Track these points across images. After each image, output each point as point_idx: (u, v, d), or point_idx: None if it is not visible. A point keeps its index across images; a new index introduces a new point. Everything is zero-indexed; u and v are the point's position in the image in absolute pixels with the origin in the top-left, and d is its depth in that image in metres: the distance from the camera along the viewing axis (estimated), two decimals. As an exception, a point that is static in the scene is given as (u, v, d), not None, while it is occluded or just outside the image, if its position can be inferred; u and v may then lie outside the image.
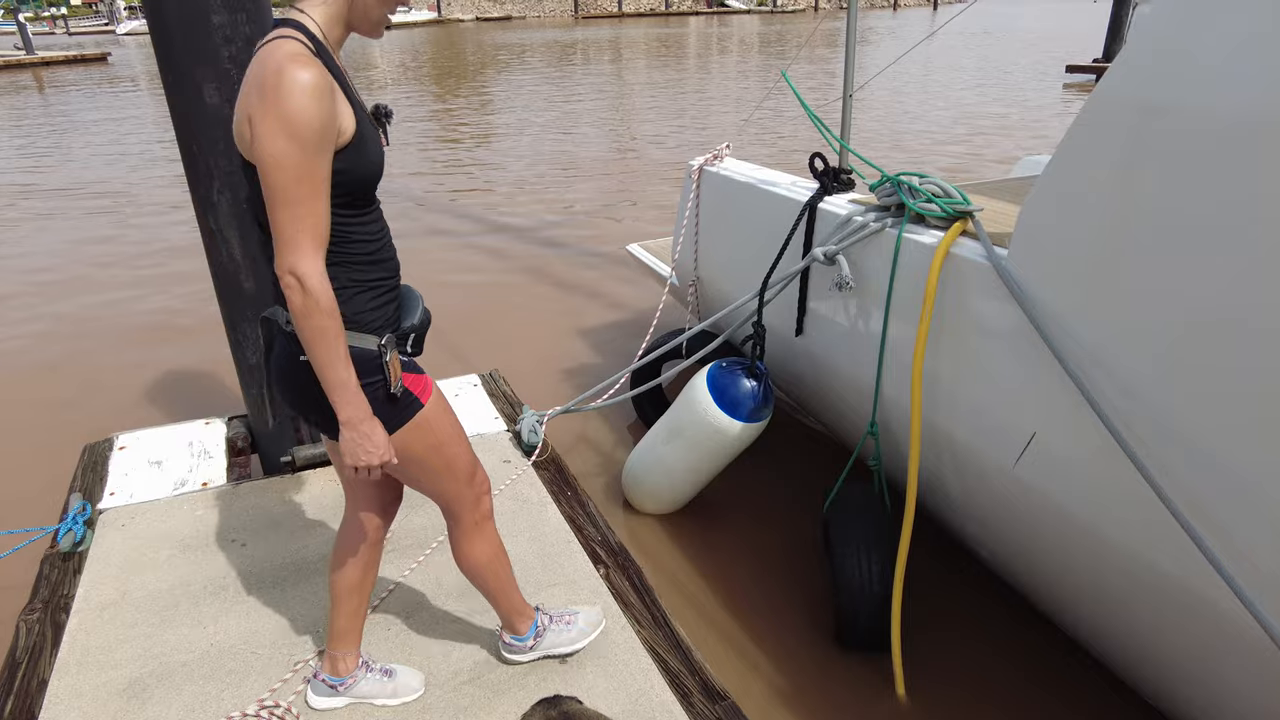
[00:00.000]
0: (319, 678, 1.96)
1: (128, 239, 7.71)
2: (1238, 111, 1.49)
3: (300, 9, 1.45)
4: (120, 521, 2.66)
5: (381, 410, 1.55)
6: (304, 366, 1.49)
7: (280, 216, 1.36)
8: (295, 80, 1.31)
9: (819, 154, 2.82)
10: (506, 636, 2.06)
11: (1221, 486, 1.62)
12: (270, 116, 1.31)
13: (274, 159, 1.32)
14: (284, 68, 1.31)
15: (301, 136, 1.32)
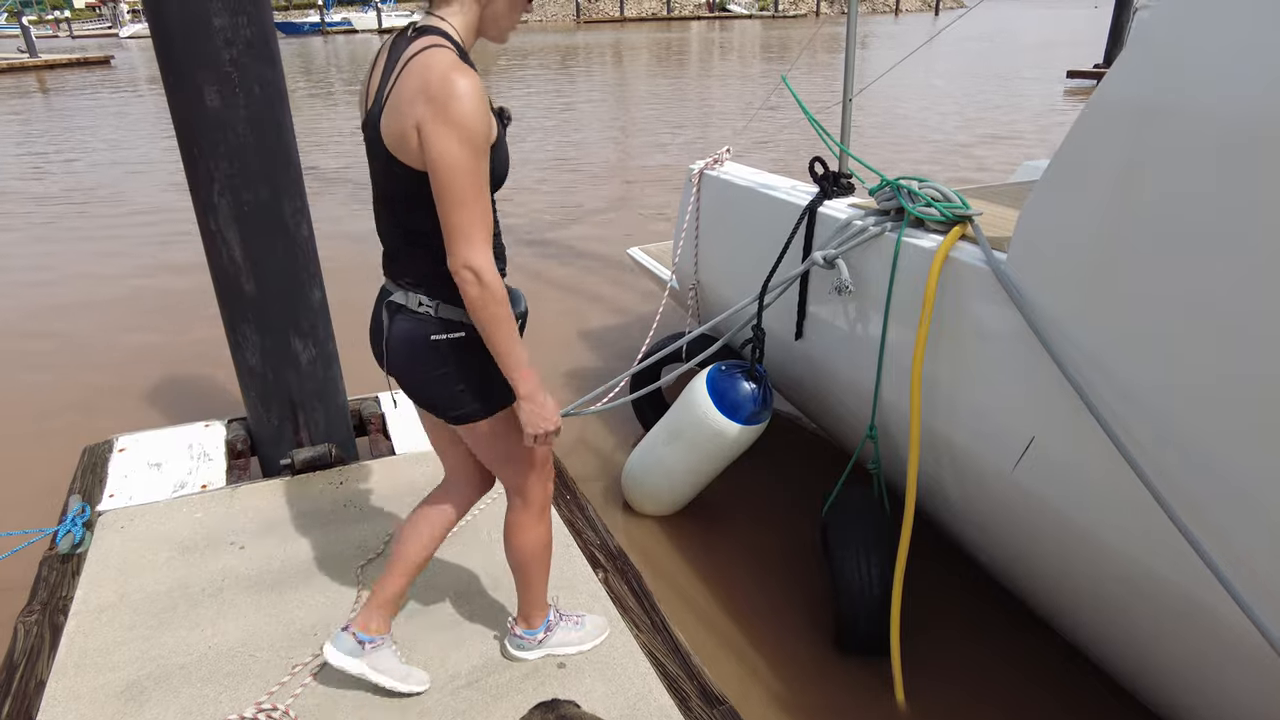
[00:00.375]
0: (349, 630, 1.95)
1: (128, 241, 7.71)
2: (1238, 114, 1.49)
3: (440, 16, 1.54)
4: (119, 523, 2.66)
5: (499, 389, 1.68)
6: (431, 347, 1.64)
7: (457, 215, 1.46)
8: (462, 88, 1.40)
9: (819, 158, 2.83)
10: (519, 629, 2.07)
11: (1221, 492, 1.62)
12: (444, 123, 1.41)
13: (451, 162, 1.42)
14: (449, 76, 1.41)
15: (473, 140, 1.43)
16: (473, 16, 1.56)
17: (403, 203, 1.56)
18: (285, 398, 2.97)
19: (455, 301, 1.62)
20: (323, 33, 51.97)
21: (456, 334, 1.65)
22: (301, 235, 2.85)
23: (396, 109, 1.47)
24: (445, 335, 1.65)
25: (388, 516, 2.70)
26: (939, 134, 12.03)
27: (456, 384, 1.68)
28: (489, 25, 1.59)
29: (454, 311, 1.64)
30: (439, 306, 1.64)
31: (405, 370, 1.70)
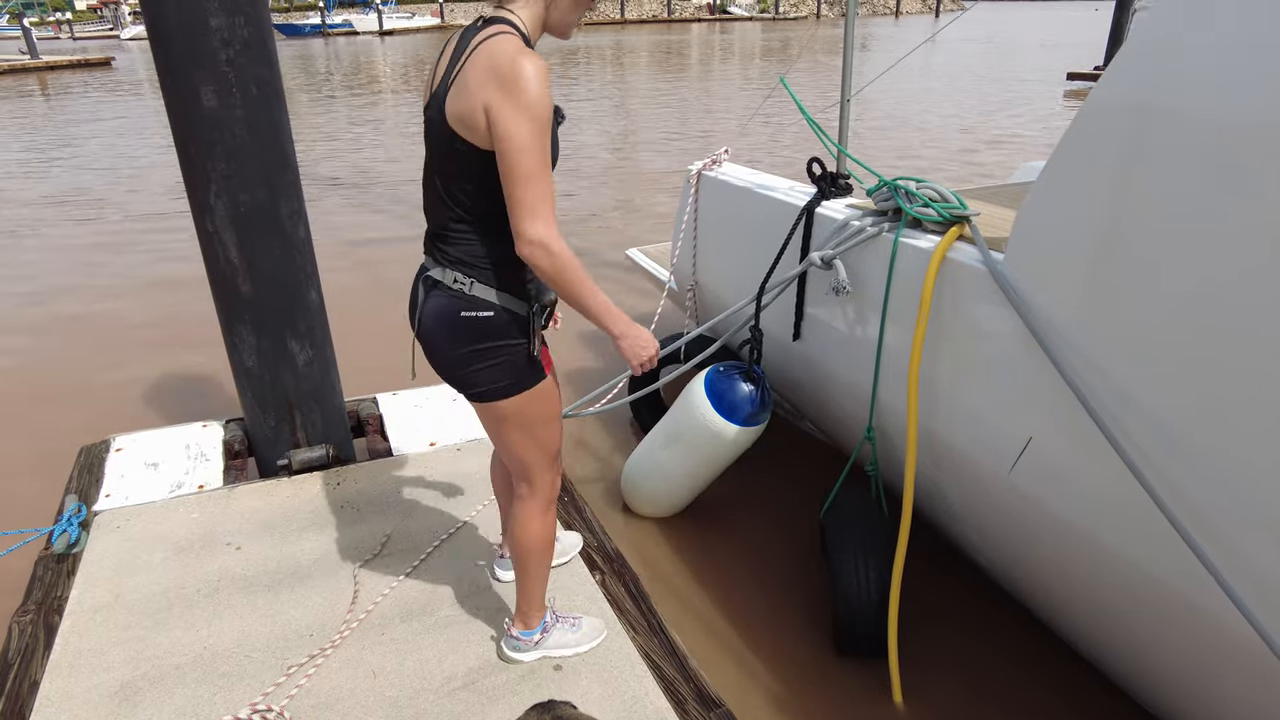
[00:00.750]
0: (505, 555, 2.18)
1: (126, 241, 7.72)
2: (1233, 115, 1.49)
3: (509, 9, 1.62)
4: (115, 523, 2.66)
5: (520, 370, 1.75)
6: (461, 324, 1.70)
7: (525, 191, 1.52)
8: (531, 71, 1.48)
9: (817, 159, 2.82)
10: (515, 630, 2.07)
11: (1218, 494, 1.61)
12: (513, 104, 1.48)
13: (520, 141, 1.49)
14: (517, 60, 1.48)
15: (540, 120, 1.50)
16: (539, 10, 1.63)
17: (459, 180, 1.63)
18: (282, 399, 2.96)
19: (488, 282, 1.70)
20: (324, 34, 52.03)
21: (485, 313, 1.70)
22: (299, 236, 2.84)
23: (464, 89, 1.54)
24: (475, 313, 1.70)
25: (385, 517, 2.70)
26: (939, 137, 12.03)
27: (479, 362, 1.73)
28: (554, 21, 1.67)
29: (486, 291, 1.70)
30: (472, 284, 1.70)
31: (433, 344, 1.76)
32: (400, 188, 9.81)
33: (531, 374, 1.78)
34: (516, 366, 1.75)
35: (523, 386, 1.78)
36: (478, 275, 1.70)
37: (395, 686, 2.02)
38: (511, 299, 1.72)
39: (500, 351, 1.73)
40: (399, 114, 16.36)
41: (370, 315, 5.65)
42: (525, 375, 1.77)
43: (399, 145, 12.71)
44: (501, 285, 1.71)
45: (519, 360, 1.75)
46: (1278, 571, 1.54)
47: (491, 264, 1.70)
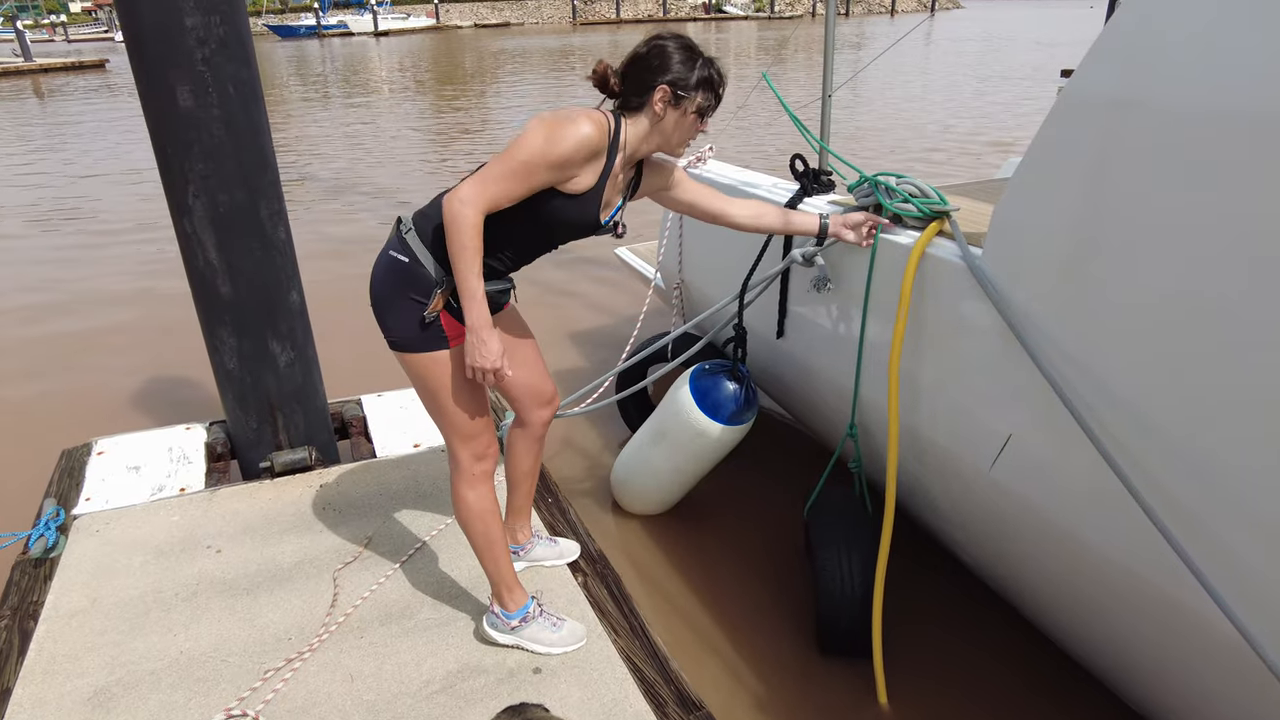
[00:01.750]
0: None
1: (108, 243, 7.69)
2: (1208, 108, 1.47)
3: (628, 117, 1.88)
4: (95, 527, 2.63)
5: (416, 329, 1.87)
6: (385, 260, 1.88)
7: (493, 171, 1.73)
8: (580, 125, 1.73)
9: (799, 155, 2.81)
10: (495, 607, 2.12)
11: (1198, 488, 1.60)
12: (547, 125, 1.73)
13: (525, 144, 1.72)
14: (581, 115, 1.75)
15: (551, 151, 1.72)
16: (644, 130, 1.88)
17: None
18: (264, 401, 2.94)
19: (423, 236, 1.86)
20: (318, 36, 51.97)
21: (403, 258, 1.86)
22: (279, 238, 2.82)
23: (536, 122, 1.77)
24: (397, 254, 1.88)
25: (367, 520, 2.68)
26: (932, 135, 12.02)
27: (388, 305, 1.89)
28: (661, 142, 1.91)
29: (415, 241, 1.86)
30: (409, 232, 1.88)
31: (372, 275, 1.94)
32: (384, 189, 9.78)
33: (429, 338, 1.88)
34: (414, 323, 1.87)
35: (419, 348, 1.89)
36: (419, 227, 1.88)
37: (373, 690, 2.00)
38: (431, 260, 1.85)
39: (405, 303, 1.87)
40: (390, 116, 16.33)
41: (353, 316, 5.62)
42: (423, 337, 1.88)
43: (386, 147, 12.68)
44: (432, 245, 1.85)
45: (416, 318, 1.86)
46: (1255, 564, 1.52)
47: (439, 228, 1.84)
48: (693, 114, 1.88)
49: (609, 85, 1.88)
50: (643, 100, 1.85)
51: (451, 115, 15.96)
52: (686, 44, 1.86)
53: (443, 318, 1.88)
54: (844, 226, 2.29)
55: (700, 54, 1.87)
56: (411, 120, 15.52)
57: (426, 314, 1.85)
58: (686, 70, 1.83)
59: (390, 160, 11.58)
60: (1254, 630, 1.48)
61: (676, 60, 1.83)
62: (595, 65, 1.89)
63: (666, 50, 1.84)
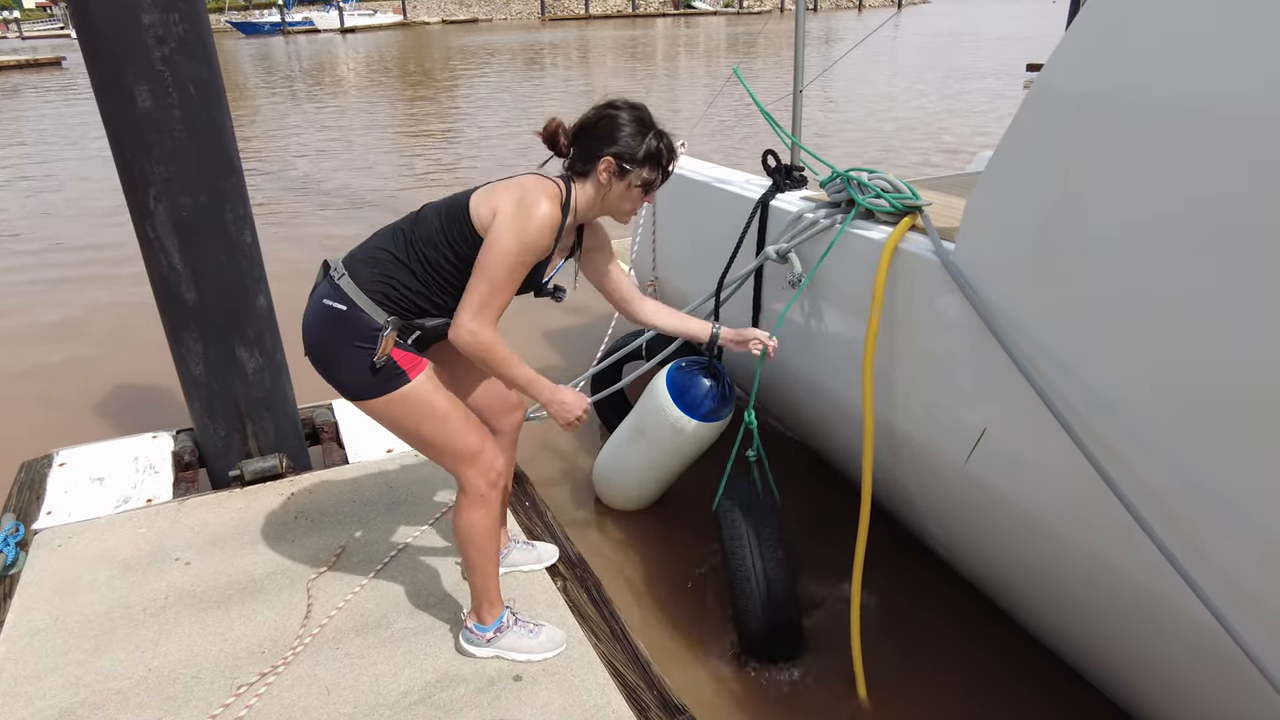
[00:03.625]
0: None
1: (69, 247, 7.50)
2: (1176, 102, 1.48)
3: (577, 181, 1.88)
4: (57, 542, 2.56)
5: (366, 376, 1.81)
6: (321, 311, 1.83)
7: (485, 289, 1.76)
8: (544, 210, 1.76)
9: (772, 151, 2.80)
10: (470, 623, 2.07)
11: (1173, 479, 1.61)
12: (517, 223, 1.74)
13: (503, 249, 1.74)
14: (539, 196, 1.76)
15: (528, 247, 1.76)
16: (593, 197, 1.89)
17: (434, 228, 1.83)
18: (232, 408, 2.88)
19: (359, 281, 1.82)
20: (284, 33, 51.12)
21: (340, 305, 1.81)
22: (244, 242, 2.76)
23: (490, 194, 1.81)
24: (332, 303, 1.82)
25: (340, 528, 2.63)
26: (903, 130, 12.11)
27: (330, 355, 1.84)
28: (609, 209, 1.92)
29: (350, 285, 1.82)
30: (343, 277, 1.83)
31: (304, 326, 1.88)
32: (353, 189, 9.65)
33: (386, 379, 1.82)
34: (365, 370, 1.81)
35: (379, 391, 1.83)
36: (353, 271, 1.84)
37: (350, 702, 1.96)
38: (371, 304, 1.82)
39: (350, 352, 1.81)
40: (356, 114, 16.12)
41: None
42: (379, 381, 1.82)
43: (354, 146, 12.52)
44: (370, 286, 1.82)
45: (366, 365, 1.81)
46: (1231, 554, 1.54)
47: (376, 272, 1.82)
48: (638, 187, 1.87)
49: (558, 144, 1.89)
50: (588, 168, 1.85)
51: (420, 113, 15.79)
52: (640, 115, 1.86)
53: (394, 354, 1.83)
54: (732, 341, 2.21)
55: (652, 126, 1.86)
56: (380, 118, 15.34)
57: (376, 359, 1.80)
58: (635, 143, 1.83)
59: (359, 159, 11.43)
60: (1230, 618, 1.50)
61: (626, 132, 1.83)
62: (547, 122, 1.90)
63: (618, 120, 1.83)
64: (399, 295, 1.85)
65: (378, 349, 1.80)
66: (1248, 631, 1.49)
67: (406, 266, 1.84)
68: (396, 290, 1.84)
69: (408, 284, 1.84)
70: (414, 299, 1.86)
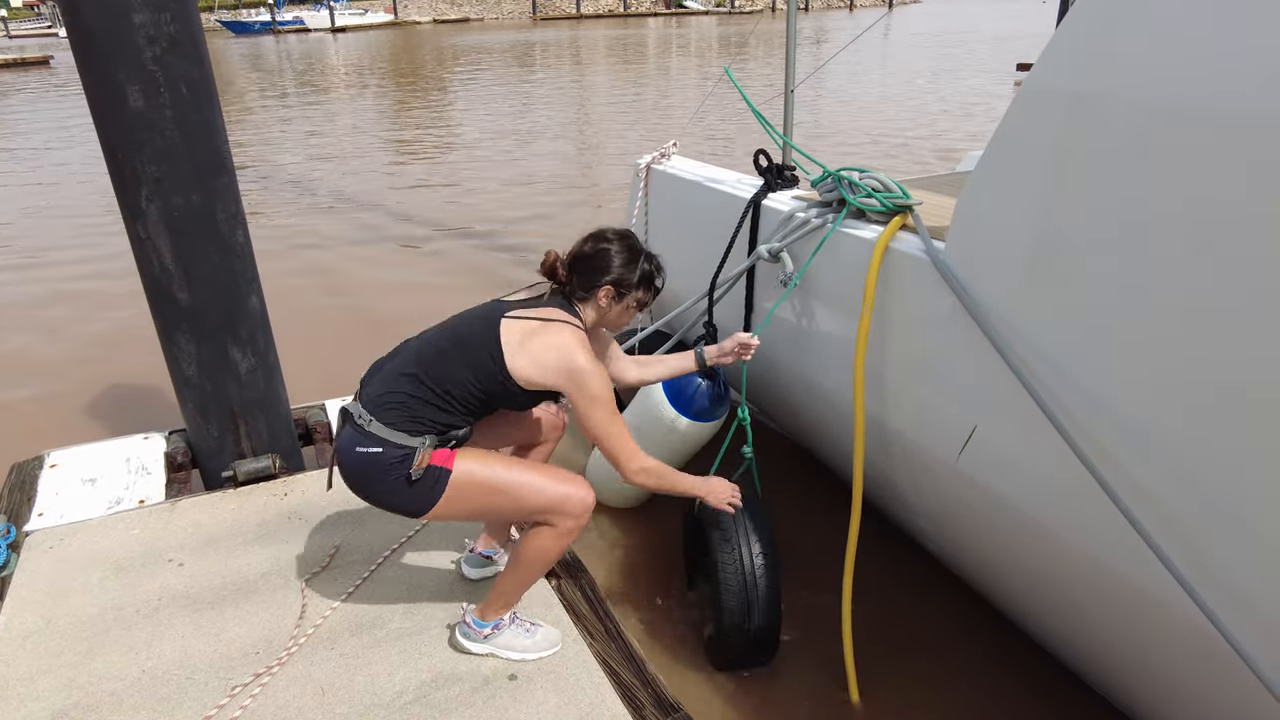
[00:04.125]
0: (475, 551, 2.34)
1: (59, 247, 7.46)
2: (1165, 101, 1.50)
3: (579, 308, 2.00)
4: (48, 543, 2.55)
5: (415, 493, 1.89)
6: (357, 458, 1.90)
7: (615, 444, 1.94)
8: (589, 369, 1.88)
9: (763, 150, 2.81)
10: (470, 617, 2.09)
11: (1163, 476, 1.63)
12: (588, 398, 1.89)
13: (599, 419, 1.90)
14: (574, 345, 1.89)
15: (606, 395, 1.90)
16: (597, 317, 2.03)
17: (463, 374, 1.91)
18: (225, 408, 2.87)
19: (387, 421, 1.89)
20: (274, 32, 50.91)
21: (375, 449, 1.88)
22: (237, 241, 2.75)
23: (533, 356, 1.89)
24: (368, 449, 1.89)
25: (334, 528, 2.63)
26: (894, 129, 12.15)
27: (386, 490, 1.91)
28: (608, 323, 2.07)
29: (380, 429, 1.88)
30: (372, 423, 1.89)
31: (348, 477, 1.96)
32: (345, 189, 9.63)
33: (433, 484, 1.90)
34: (408, 489, 1.89)
35: (434, 497, 1.91)
36: (378, 415, 1.90)
37: (345, 703, 1.96)
38: (403, 434, 1.89)
39: (395, 482, 1.89)
40: (348, 114, 16.07)
41: (316, 319, 5.54)
42: (427, 489, 1.90)
43: (346, 146, 12.48)
44: (399, 421, 1.89)
45: (403, 481, 1.89)
46: (1220, 551, 1.56)
47: (404, 414, 1.90)
48: (634, 305, 2.05)
49: (558, 275, 2.01)
50: (589, 295, 2.00)
51: (411, 114, 15.75)
52: (629, 244, 2.01)
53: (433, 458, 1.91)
54: (719, 354, 2.32)
55: (640, 251, 2.02)
56: (370, 118, 15.29)
57: (413, 473, 1.87)
58: (629, 271, 1.98)
59: (351, 159, 11.40)
60: (1221, 615, 1.51)
61: (619, 262, 1.98)
62: (544, 256, 2.03)
63: (610, 253, 1.98)
64: (430, 424, 1.92)
65: (412, 467, 1.88)
66: (1237, 628, 1.51)
67: (434, 405, 1.92)
68: (425, 422, 1.92)
69: (436, 417, 1.92)
70: (444, 424, 1.94)
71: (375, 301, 5.88)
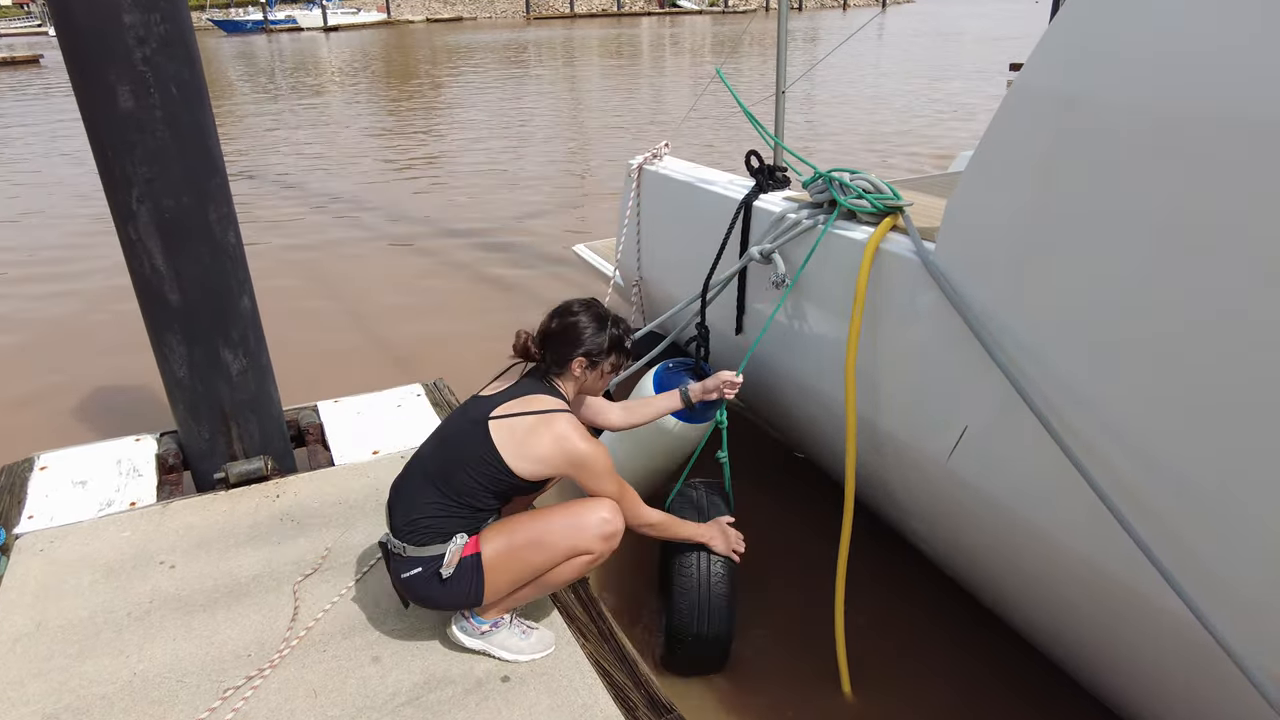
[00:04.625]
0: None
1: (49, 249, 7.42)
2: (1156, 103, 1.51)
3: (558, 383, 2.10)
4: (39, 546, 2.54)
5: (457, 587, 1.98)
6: (417, 582, 2.00)
7: (610, 487, 2.04)
8: (585, 450, 1.98)
9: (755, 152, 2.81)
10: (469, 613, 2.09)
11: (1153, 475, 1.64)
12: (593, 477, 2.01)
13: (597, 463, 1.99)
14: (575, 445, 1.97)
15: (607, 466, 2.02)
16: (577, 387, 2.13)
17: (471, 483, 1.98)
18: (217, 410, 2.86)
19: (420, 542, 1.99)
20: (266, 31, 50.73)
21: (421, 570, 1.99)
22: (228, 242, 2.74)
23: (525, 447, 1.96)
24: (417, 571, 1.99)
25: (326, 530, 2.62)
26: (886, 130, 12.18)
27: (442, 595, 2.00)
28: (587, 389, 2.17)
29: (418, 550, 1.99)
30: (405, 549, 2.00)
31: (407, 596, 2.08)
32: (337, 189, 9.60)
33: (470, 574, 1.97)
34: (456, 589, 1.98)
35: (476, 587, 1.98)
36: (412, 539, 1.99)
37: (337, 705, 1.96)
38: (438, 545, 1.98)
39: (439, 589, 1.99)
40: (340, 114, 16.03)
41: (308, 321, 5.52)
42: (465, 582, 1.98)
43: (338, 146, 12.44)
44: (432, 535, 1.98)
45: (439, 582, 1.98)
46: (1210, 550, 1.56)
47: (431, 533, 1.98)
48: (609, 372, 2.14)
49: (530, 354, 2.11)
50: (563, 369, 2.09)
51: (403, 114, 15.71)
52: (596, 313, 2.10)
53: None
54: (703, 392, 2.45)
55: (607, 317, 2.11)
56: (362, 117, 15.25)
57: (442, 571, 1.96)
58: (599, 339, 2.08)
59: (343, 159, 11.37)
60: (1208, 613, 1.52)
61: (589, 333, 2.07)
62: (515, 336, 2.12)
63: (578, 325, 2.07)
64: (456, 528, 2.01)
65: (446, 562, 1.96)
66: (1225, 626, 1.52)
67: (457, 517, 2.01)
68: (451, 529, 2.01)
69: (459, 525, 2.01)
70: (472, 525, 2.03)
71: (367, 302, 5.87)
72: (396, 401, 3.43)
